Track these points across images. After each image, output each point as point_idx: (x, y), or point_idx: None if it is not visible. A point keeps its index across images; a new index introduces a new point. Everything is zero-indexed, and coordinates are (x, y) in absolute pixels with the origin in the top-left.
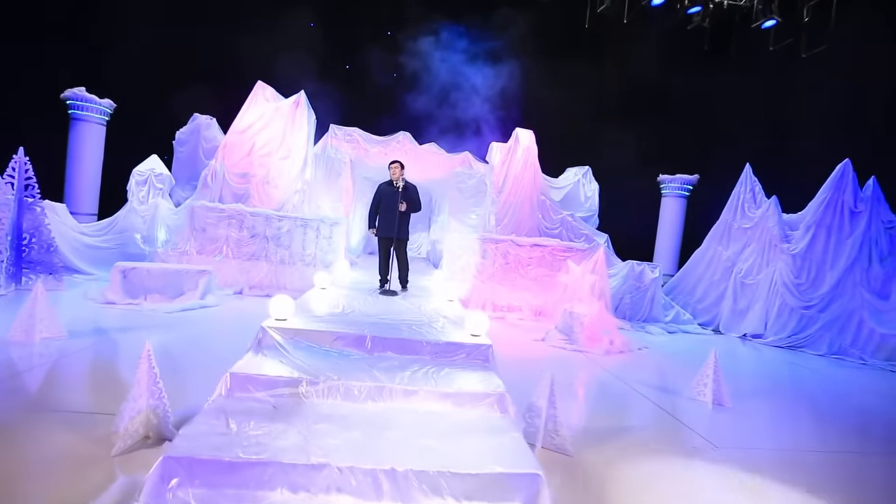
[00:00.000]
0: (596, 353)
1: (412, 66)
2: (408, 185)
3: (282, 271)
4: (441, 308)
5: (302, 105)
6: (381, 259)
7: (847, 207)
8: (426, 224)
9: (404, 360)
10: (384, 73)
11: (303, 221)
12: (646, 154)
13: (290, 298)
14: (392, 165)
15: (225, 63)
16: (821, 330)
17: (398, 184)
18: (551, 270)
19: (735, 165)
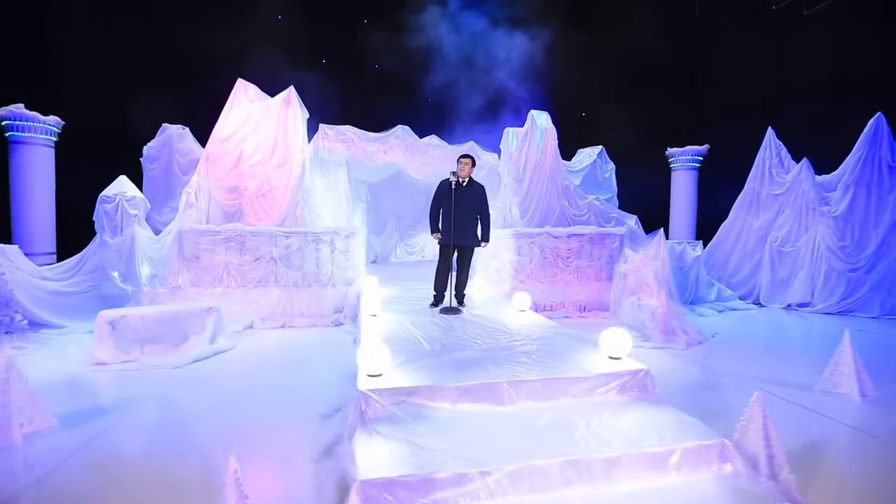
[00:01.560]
0: (677, 348)
1: (394, 55)
2: (473, 184)
3: (296, 296)
4: (531, 323)
5: (293, 102)
6: (440, 270)
7: (885, 162)
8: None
9: (555, 409)
10: (365, 64)
11: (314, 236)
12: (647, 128)
13: (383, 346)
14: (462, 160)
15: (189, 63)
16: (870, 292)
17: (462, 182)
18: (591, 260)
19: (742, 131)
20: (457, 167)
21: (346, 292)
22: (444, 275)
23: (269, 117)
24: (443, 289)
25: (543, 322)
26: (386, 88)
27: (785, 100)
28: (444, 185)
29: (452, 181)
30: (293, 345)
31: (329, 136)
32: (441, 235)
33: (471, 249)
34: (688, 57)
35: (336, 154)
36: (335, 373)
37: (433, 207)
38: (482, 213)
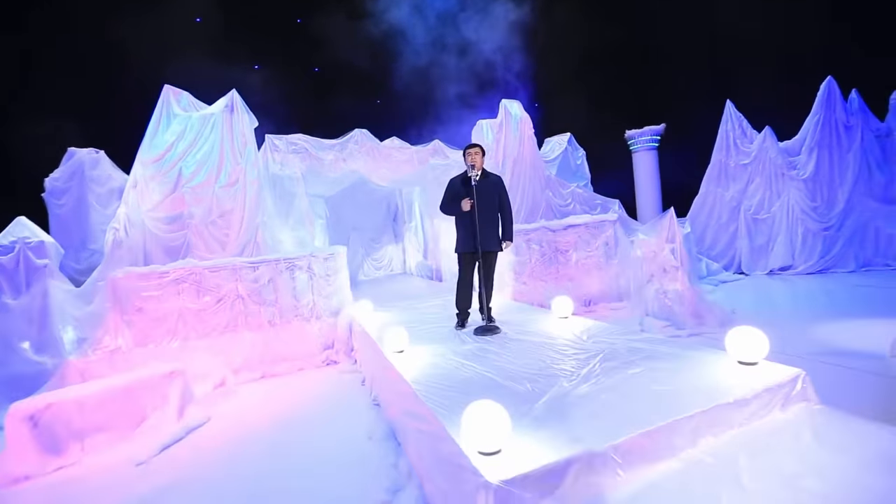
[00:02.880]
0: (712, 332)
1: (334, 54)
2: (489, 176)
3: (274, 338)
4: (587, 331)
5: (239, 108)
6: (463, 284)
7: (841, 123)
8: (392, 233)
9: (735, 449)
10: (303, 66)
11: (287, 263)
12: (601, 113)
13: (495, 407)
14: (470, 151)
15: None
16: (844, 247)
17: (475, 174)
18: (589, 251)
19: (693, 107)
20: (465, 161)
21: (335, 323)
22: (468, 289)
23: (211, 128)
24: (467, 305)
25: (600, 328)
26: (331, 92)
27: (732, 72)
28: (456, 182)
29: (472, 175)
30: (283, 400)
31: (279, 148)
32: (458, 243)
33: (496, 255)
34: (633, 40)
35: (290, 167)
36: (356, 439)
37: (445, 210)
38: (504, 208)
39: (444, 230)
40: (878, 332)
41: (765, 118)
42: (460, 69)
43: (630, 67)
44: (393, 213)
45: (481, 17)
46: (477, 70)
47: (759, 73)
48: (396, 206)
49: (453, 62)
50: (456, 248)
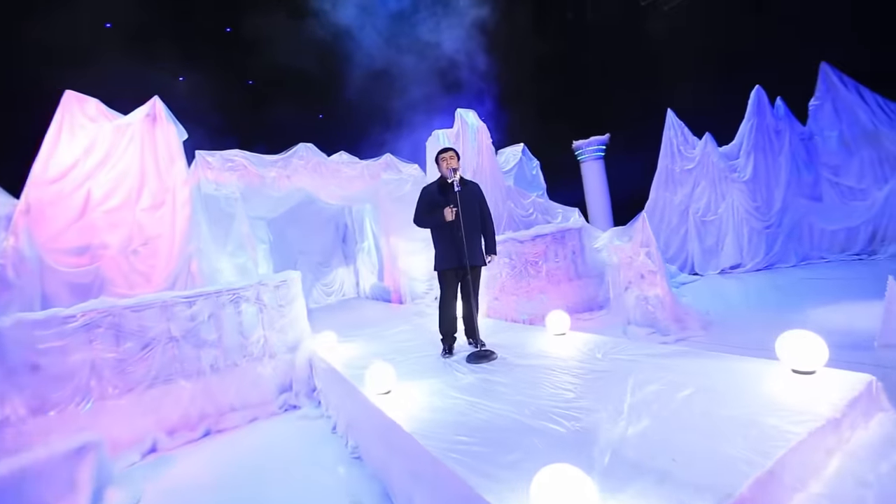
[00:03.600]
0: (696, 335)
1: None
2: (468, 183)
3: (218, 386)
4: (596, 349)
5: (163, 118)
6: (446, 304)
7: (771, 128)
8: (342, 255)
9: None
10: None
11: (231, 294)
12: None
13: (578, 476)
14: (445, 156)
15: None
16: (784, 244)
17: (454, 179)
18: (557, 261)
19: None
20: (441, 166)
21: (292, 361)
22: (453, 311)
23: (128, 141)
24: (453, 329)
25: (606, 342)
26: (270, 102)
27: (666, 82)
28: (432, 190)
29: (454, 180)
30: (234, 462)
31: (212, 165)
32: (438, 259)
33: (480, 270)
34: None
35: (226, 186)
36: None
37: (421, 223)
38: (485, 217)
39: (402, 249)
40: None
41: (698, 125)
42: (410, 78)
43: (573, 79)
44: (342, 233)
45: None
46: (427, 79)
47: (691, 83)
48: (346, 225)
49: (404, 70)
50: (436, 266)
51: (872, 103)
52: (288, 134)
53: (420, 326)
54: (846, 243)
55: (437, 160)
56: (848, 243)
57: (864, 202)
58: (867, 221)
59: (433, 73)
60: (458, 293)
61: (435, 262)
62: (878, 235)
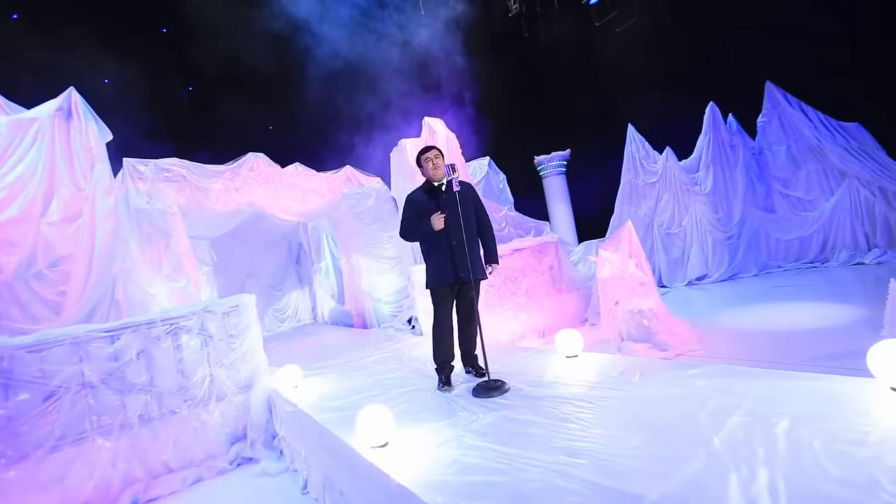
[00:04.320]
0: (697, 350)
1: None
2: (461, 185)
3: (149, 441)
4: (625, 372)
5: (80, 113)
6: (441, 326)
7: (726, 143)
8: (296, 277)
9: None
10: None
11: (168, 324)
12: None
13: None
14: (429, 155)
15: None
16: (746, 254)
17: (450, 179)
18: (536, 276)
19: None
20: (425, 168)
21: (246, 403)
22: (449, 334)
23: (33, 139)
24: (450, 356)
25: (632, 363)
26: (213, 105)
27: (622, 100)
28: (418, 196)
29: (448, 181)
30: None
31: (145, 176)
32: (430, 275)
33: (478, 284)
34: (531, 73)
35: (161, 199)
36: None
37: (409, 234)
38: (483, 222)
39: (365, 268)
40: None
41: (653, 140)
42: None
43: (532, 96)
44: (296, 253)
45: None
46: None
47: (644, 100)
48: (300, 244)
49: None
50: (428, 283)
51: (815, 120)
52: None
53: (398, 354)
54: (800, 252)
55: (419, 162)
56: (802, 252)
57: (813, 213)
58: (818, 231)
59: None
60: (455, 313)
61: (427, 279)
62: (828, 244)
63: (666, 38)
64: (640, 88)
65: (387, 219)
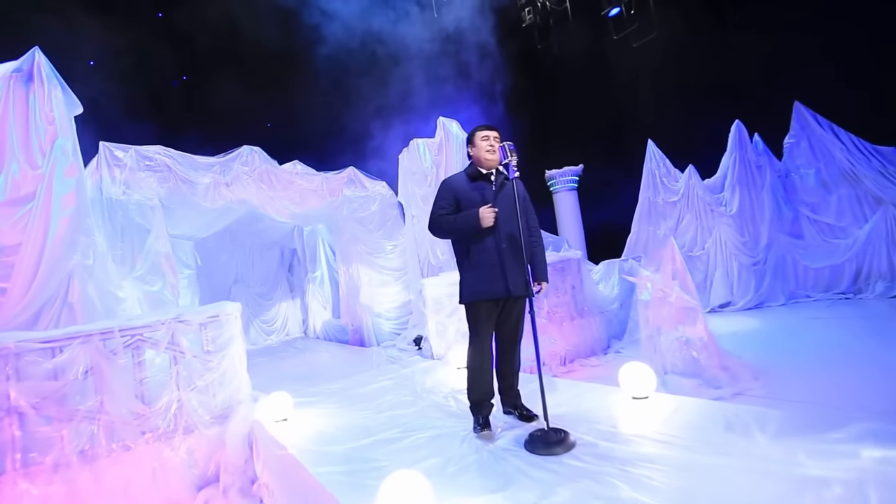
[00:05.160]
0: (754, 389)
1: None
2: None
3: (91, 486)
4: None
5: (45, 76)
6: (480, 353)
7: (752, 163)
8: (287, 286)
9: None
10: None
11: (128, 335)
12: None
13: None
14: (488, 133)
15: None
16: (772, 281)
17: (507, 163)
18: (558, 295)
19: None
20: (478, 147)
21: (220, 437)
22: (489, 362)
23: None
24: (489, 392)
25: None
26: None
27: (639, 116)
28: (459, 183)
29: (506, 165)
30: None
31: (123, 163)
32: (470, 285)
33: (524, 302)
34: (545, 86)
35: (140, 190)
36: None
37: (449, 228)
38: (533, 227)
39: (366, 280)
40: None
41: (672, 158)
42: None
43: (546, 109)
44: (289, 260)
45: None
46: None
47: (663, 117)
48: (294, 251)
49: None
50: (464, 297)
51: (848, 143)
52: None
53: (408, 381)
54: (831, 281)
55: (470, 140)
56: (833, 282)
57: (845, 240)
58: (850, 259)
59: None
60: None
61: (463, 291)
62: (862, 274)
63: (686, 54)
64: (658, 105)
65: (391, 226)
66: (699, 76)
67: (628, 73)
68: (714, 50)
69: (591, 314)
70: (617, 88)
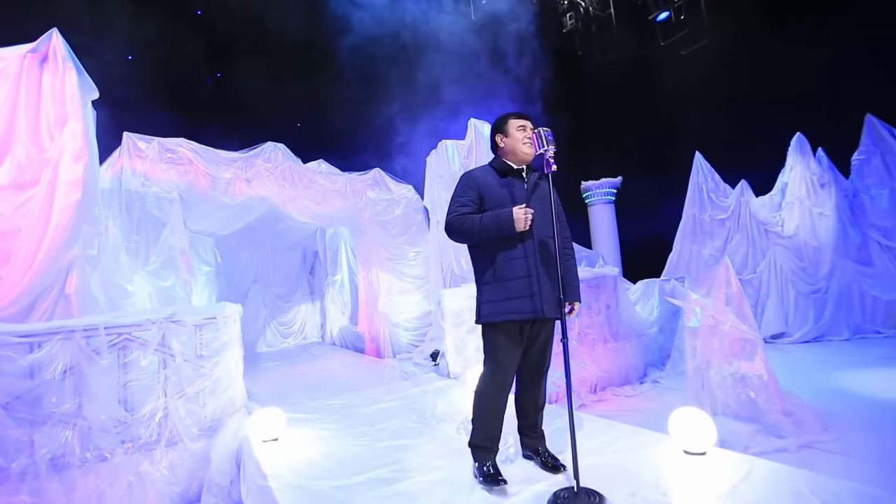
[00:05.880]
0: (823, 441)
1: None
2: (543, 177)
3: (60, 501)
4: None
5: (59, 60)
6: (495, 384)
7: (815, 180)
8: (307, 289)
9: None
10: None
11: (115, 333)
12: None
13: None
14: (524, 122)
15: None
16: (835, 313)
17: (542, 154)
18: (591, 315)
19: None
20: (515, 137)
21: (206, 452)
22: (503, 399)
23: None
24: (497, 436)
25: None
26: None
27: (685, 127)
28: (486, 177)
29: (542, 156)
30: None
31: (145, 154)
32: (495, 300)
33: (553, 325)
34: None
35: (160, 183)
36: None
37: (467, 220)
38: (566, 237)
39: (386, 287)
40: None
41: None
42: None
43: (585, 117)
44: (310, 262)
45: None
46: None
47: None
48: (315, 253)
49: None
50: (483, 315)
51: None
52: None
53: (418, 403)
54: None
55: (501, 129)
56: None
57: None
58: None
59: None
60: None
61: (482, 308)
62: None
63: (739, 61)
64: (707, 115)
65: (415, 232)
66: (754, 85)
67: (675, 81)
68: (772, 58)
69: (627, 338)
70: (662, 97)
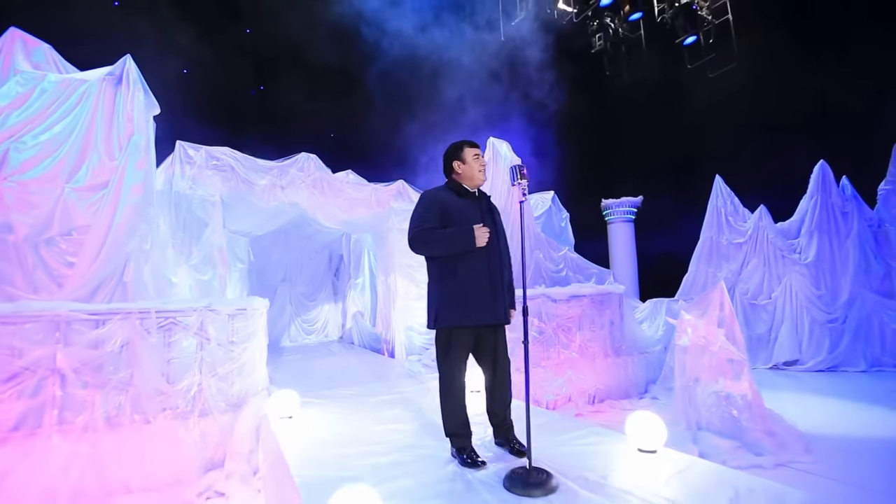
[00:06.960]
0: (802, 461)
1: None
2: (491, 201)
3: (112, 450)
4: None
5: (131, 82)
6: (453, 385)
7: (837, 208)
8: (331, 290)
9: None
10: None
11: (163, 317)
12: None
13: None
14: (478, 151)
15: None
16: (852, 343)
17: (518, 185)
18: (594, 330)
19: (669, 182)
20: (471, 166)
21: (231, 424)
22: (462, 395)
23: (78, 100)
24: (465, 421)
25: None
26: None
27: (708, 150)
28: (445, 197)
29: (520, 184)
30: None
31: (193, 161)
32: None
33: (504, 330)
34: (611, 113)
35: (205, 187)
36: None
37: (431, 234)
38: (506, 253)
39: (402, 292)
40: None
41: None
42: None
43: (608, 136)
44: (335, 265)
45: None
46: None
47: (737, 152)
48: (340, 257)
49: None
50: (434, 321)
51: None
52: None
53: (416, 399)
54: None
55: (457, 156)
56: None
57: None
58: None
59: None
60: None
61: (437, 313)
62: None
63: (766, 87)
64: (730, 139)
65: None
66: (780, 111)
67: (701, 104)
68: (799, 84)
69: (629, 353)
70: (687, 119)
